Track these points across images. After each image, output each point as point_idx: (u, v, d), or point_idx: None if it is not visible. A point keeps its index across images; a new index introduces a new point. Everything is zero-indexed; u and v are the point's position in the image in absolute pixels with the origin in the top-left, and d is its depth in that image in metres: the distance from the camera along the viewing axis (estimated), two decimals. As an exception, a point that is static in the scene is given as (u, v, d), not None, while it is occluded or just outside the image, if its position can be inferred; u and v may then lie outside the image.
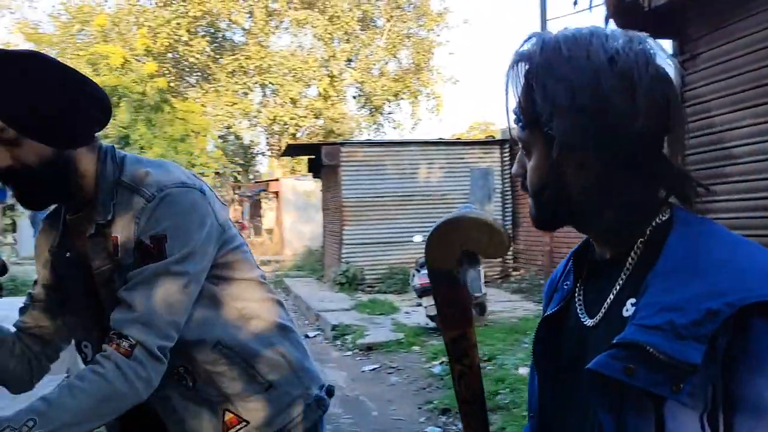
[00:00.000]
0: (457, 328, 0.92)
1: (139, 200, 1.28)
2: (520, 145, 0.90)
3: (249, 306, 1.44)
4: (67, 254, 1.38)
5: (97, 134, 1.35)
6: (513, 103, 0.88)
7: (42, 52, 1.33)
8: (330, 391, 1.56)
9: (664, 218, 0.85)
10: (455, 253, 0.89)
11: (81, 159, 1.31)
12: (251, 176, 28.83)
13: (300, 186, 19.83)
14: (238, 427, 1.42)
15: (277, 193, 21.33)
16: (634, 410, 0.76)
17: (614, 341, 0.77)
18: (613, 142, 0.81)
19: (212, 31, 23.25)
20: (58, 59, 1.31)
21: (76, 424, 1.15)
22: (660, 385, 0.74)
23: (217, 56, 22.96)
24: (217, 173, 20.43)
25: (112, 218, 1.29)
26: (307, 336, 8.36)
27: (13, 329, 1.45)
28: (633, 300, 0.81)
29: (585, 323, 0.89)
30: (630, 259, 0.86)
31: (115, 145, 1.44)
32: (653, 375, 0.74)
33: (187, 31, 20.99)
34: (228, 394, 1.40)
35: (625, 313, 0.82)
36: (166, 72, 21.64)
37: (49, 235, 1.44)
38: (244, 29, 23.42)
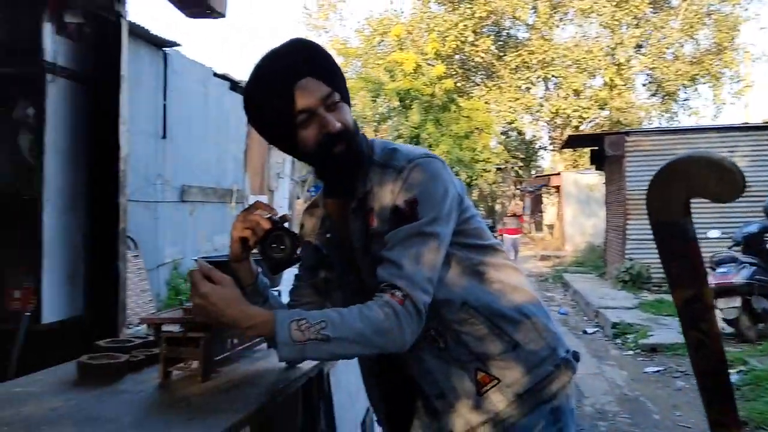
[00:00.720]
0: (689, 287, 0.84)
1: (392, 173, 1.43)
2: None
3: (489, 269, 1.50)
4: (328, 235, 1.58)
5: None
6: None
7: None
8: (576, 356, 1.56)
9: None
10: (681, 200, 0.82)
11: None
12: (533, 171, 28.78)
13: (582, 179, 19.25)
14: (490, 385, 1.46)
15: (558, 188, 21.00)
16: None
17: None
18: None
19: (496, 29, 23.76)
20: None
21: (350, 342, 1.32)
22: None
23: (501, 54, 23.38)
24: (498, 168, 20.87)
25: (368, 192, 1.46)
26: (585, 332, 8.21)
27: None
28: None
29: None
30: None
31: (406, 144, 1.66)
32: None
33: (473, 32, 21.78)
34: (477, 353, 1.46)
35: None
36: (454, 73, 22.75)
37: (311, 221, 1.65)
38: (527, 25, 23.47)
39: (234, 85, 10.24)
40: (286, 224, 1.58)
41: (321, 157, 1.47)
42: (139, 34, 7.48)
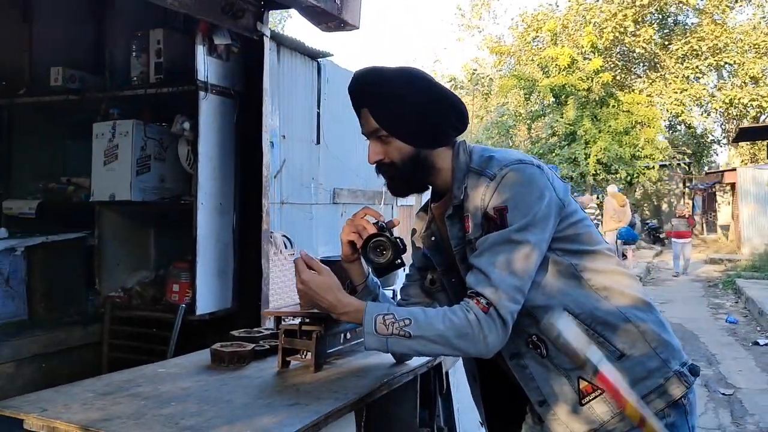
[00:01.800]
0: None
1: (484, 180, 1.45)
2: None
3: (594, 275, 1.47)
4: (432, 238, 1.65)
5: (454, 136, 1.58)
6: None
7: (414, 68, 1.60)
8: (693, 370, 1.48)
9: None
10: None
11: (438, 156, 1.55)
12: (705, 167, 26.52)
13: (761, 175, 17.40)
14: (594, 395, 1.43)
15: (733, 185, 19.16)
16: None
17: None
18: None
19: (660, 17, 22.19)
20: (427, 73, 1.59)
21: (430, 341, 1.39)
22: None
23: (666, 42, 21.82)
24: (662, 165, 19.49)
25: (464, 199, 1.50)
26: (756, 343, 7.48)
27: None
28: None
29: None
30: None
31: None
32: None
33: (634, 21, 20.52)
34: (580, 362, 1.44)
35: None
36: (613, 65, 21.62)
37: (420, 224, 1.72)
38: (696, 9, 21.67)
39: (383, 90, 10.58)
40: (393, 230, 1.68)
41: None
42: (296, 47, 8.02)
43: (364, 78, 1.56)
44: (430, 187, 1.66)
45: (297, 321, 1.89)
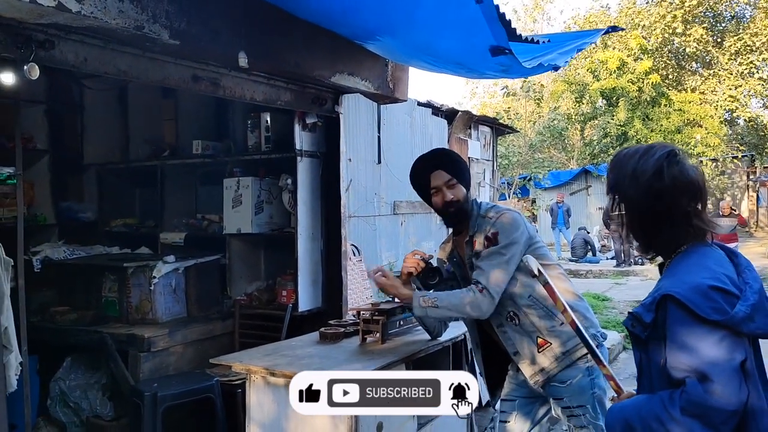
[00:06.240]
0: None
1: (488, 221, 2.61)
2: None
3: (552, 279, 2.44)
4: (454, 259, 2.83)
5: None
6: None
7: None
8: (602, 335, 2.61)
9: (681, 250, 1.62)
10: None
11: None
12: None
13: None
14: (545, 347, 2.53)
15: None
16: (642, 345, 1.59)
17: (628, 311, 1.76)
18: (651, 210, 1.61)
19: (711, 14, 22.44)
20: None
21: (449, 309, 2.51)
22: (640, 332, 1.55)
23: (718, 40, 22.08)
24: (712, 160, 19.82)
25: (475, 232, 2.65)
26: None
27: None
28: None
29: None
30: (665, 269, 1.65)
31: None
32: (639, 327, 1.56)
33: (683, 21, 20.94)
34: (538, 327, 2.52)
35: None
36: (664, 65, 22.01)
37: (443, 252, 2.88)
38: (747, 4, 21.84)
39: (436, 111, 11.77)
40: (432, 260, 2.92)
41: (442, 213, 2.77)
42: (357, 81, 9.31)
43: (441, 151, 2.89)
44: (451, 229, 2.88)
45: (369, 313, 3.19)
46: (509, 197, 17.07)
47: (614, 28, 3.64)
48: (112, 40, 2.88)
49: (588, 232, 16.49)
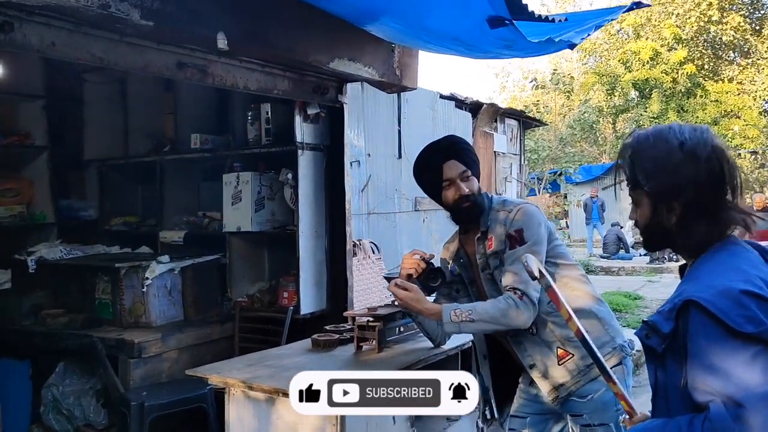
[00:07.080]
0: None
1: (504, 213, 2.33)
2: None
3: (570, 281, 2.28)
4: (461, 260, 2.52)
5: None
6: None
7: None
8: (630, 346, 2.29)
9: (709, 249, 1.33)
10: None
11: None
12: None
13: None
14: (567, 358, 2.23)
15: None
16: (659, 360, 1.30)
17: (642, 320, 1.42)
18: (684, 194, 1.31)
19: (749, 1, 21.56)
20: None
21: (486, 322, 2.19)
22: (656, 344, 1.28)
23: (756, 27, 21.21)
24: (752, 152, 19.04)
25: (488, 227, 2.35)
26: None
27: None
28: None
29: None
30: (687, 270, 1.40)
31: None
32: (655, 338, 1.29)
33: (719, 9, 20.14)
34: (558, 336, 2.23)
35: None
36: (700, 54, 21.25)
37: (447, 252, 2.56)
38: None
39: (460, 104, 11.43)
40: (433, 260, 2.62)
41: (454, 209, 2.45)
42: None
43: (455, 139, 2.56)
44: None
45: (365, 319, 2.91)
46: (539, 192, 16.65)
47: (638, 4, 3.27)
48: (83, 23, 2.65)
49: (621, 227, 15.97)
